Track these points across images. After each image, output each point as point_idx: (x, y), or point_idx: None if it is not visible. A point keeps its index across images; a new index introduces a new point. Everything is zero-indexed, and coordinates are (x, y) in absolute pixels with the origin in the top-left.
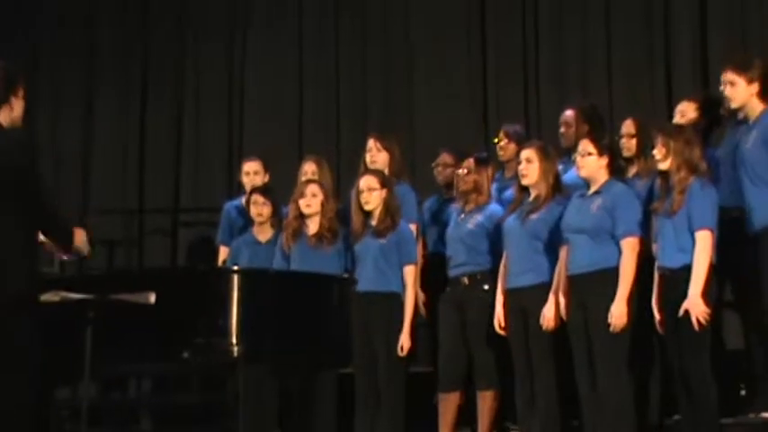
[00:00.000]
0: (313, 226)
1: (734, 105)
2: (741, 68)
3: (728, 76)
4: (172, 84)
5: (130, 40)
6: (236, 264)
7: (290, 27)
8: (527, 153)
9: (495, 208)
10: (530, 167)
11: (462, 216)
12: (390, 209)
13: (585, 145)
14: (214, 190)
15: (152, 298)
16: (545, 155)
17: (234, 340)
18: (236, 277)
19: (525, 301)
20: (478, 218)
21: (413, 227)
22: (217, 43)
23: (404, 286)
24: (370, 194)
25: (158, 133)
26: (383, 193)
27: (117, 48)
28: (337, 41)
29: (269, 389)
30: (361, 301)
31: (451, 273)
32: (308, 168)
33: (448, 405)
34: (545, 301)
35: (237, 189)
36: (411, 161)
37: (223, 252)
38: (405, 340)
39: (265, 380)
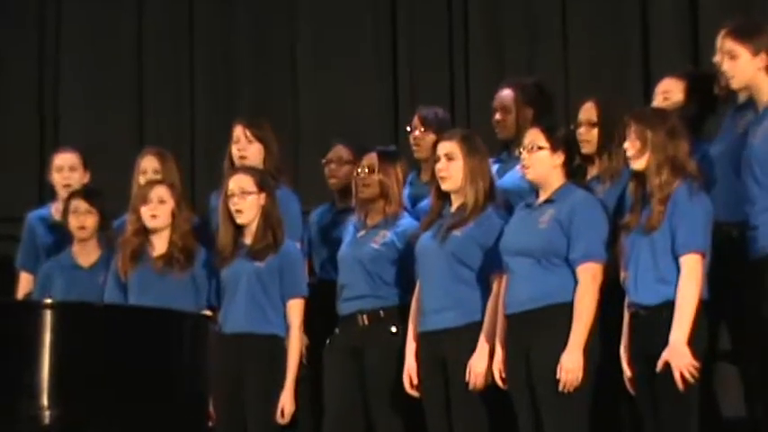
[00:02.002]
0: (160, 244)
1: (735, 84)
2: (744, 35)
3: (727, 45)
4: None
5: None
6: (46, 295)
7: None
8: (446, 147)
9: (408, 222)
10: (451, 166)
11: (363, 232)
12: (271, 221)
13: (534, 136)
14: (16, 194)
15: None
16: (471, 148)
17: (44, 402)
18: (48, 314)
19: (446, 349)
20: (387, 234)
21: (297, 245)
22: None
23: (287, 327)
24: (244, 200)
25: None
26: (261, 198)
27: None
28: None
29: None
30: (229, 346)
31: (344, 308)
32: (149, 165)
33: None
34: (473, 348)
35: (48, 193)
36: (293, 157)
37: (25, 280)
38: (286, 401)
39: None
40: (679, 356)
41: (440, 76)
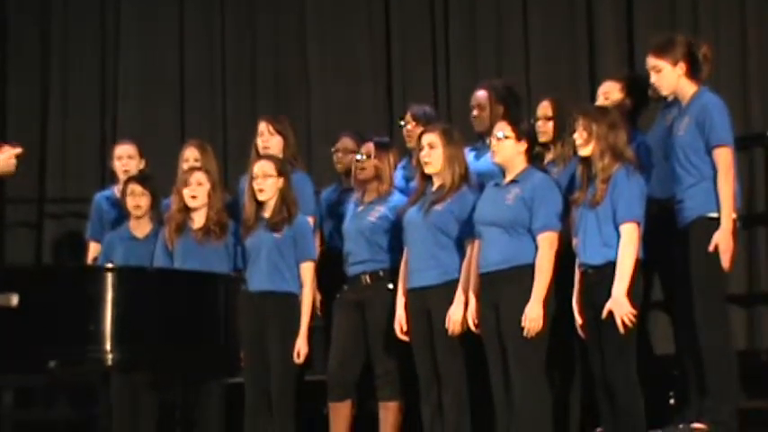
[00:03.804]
0: (199, 219)
1: (664, 92)
2: (662, 51)
3: (651, 61)
4: (35, 56)
5: None
6: (109, 261)
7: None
8: (429, 137)
9: (400, 198)
10: (432, 153)
11: (361, 208)
12: (287, 200)
13: (501, 127)
14: (84, 178)
15: (14, 300)
16: (449, 139)
17: (107, 347)
18: (109, 276)
19: (429, 302)
20: (381, 209)
21: (310, 220)
22: (87, 9)
23: (300, 285)
24: (265, 181)
25: (19, 111)
26: (279, 181)
27: None
28: (222, 12)
29: (147, 402)
30: (253, 301)
31: (350, 270)
32: (190, 154)
33: (339, 416)
34: (451, 301)
35: (110, 177)
36: (306, 146)
37: (93, 248)
38: (301, 345)
39: (143, 392)
40: (620, 306)
41: (426, 78)
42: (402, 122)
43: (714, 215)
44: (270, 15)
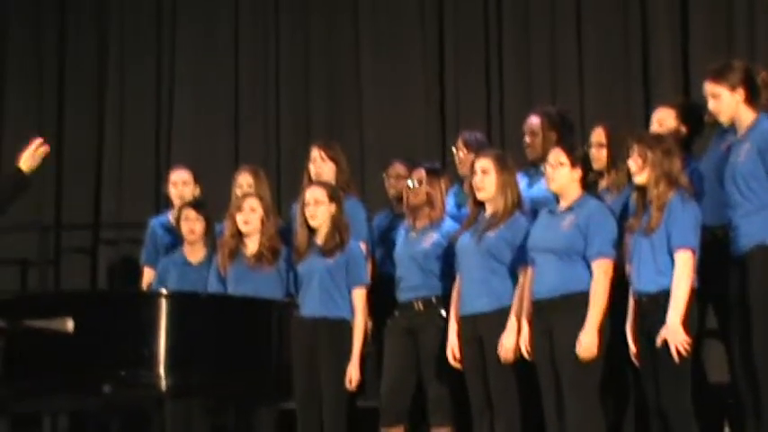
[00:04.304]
0: (252, 245)
1: (723, 119)
2: (720, 77)
3: (709, 88)
4: (91, 84)
5: (43, 38)
6: (163, 286)
7: (224, 23)
8: (482, 163)
9: (451, 225)
10: (485, 179)
11: (413, 234)
12: (339, 225)
13: (557, 155)
14: (138, 204)
15: (69, 325)
16: (502, 165)
17: (161, 372)
18: (163, 301)
19: (481, 329)
20: (434, 236)
21: (362, 245)
22: (142, 40)
23: (353, 311)
24: (317, 208)
25: (76, 139)
26: (331, 207)
27: (28, 46)
28: (277, 39)
29: (200, 427)
30: (306, 327)
31: (402, 296)
32: (244, 180)
33: None
34: (504, 328)
35: (165, 203)
36: (359, 172)
37: (148, 273)
38: (353, 372)
39: (196, 417)
40: (675, 335)
41: (479, 104)
42: (454, 148)
43: None
44: (324, 43)
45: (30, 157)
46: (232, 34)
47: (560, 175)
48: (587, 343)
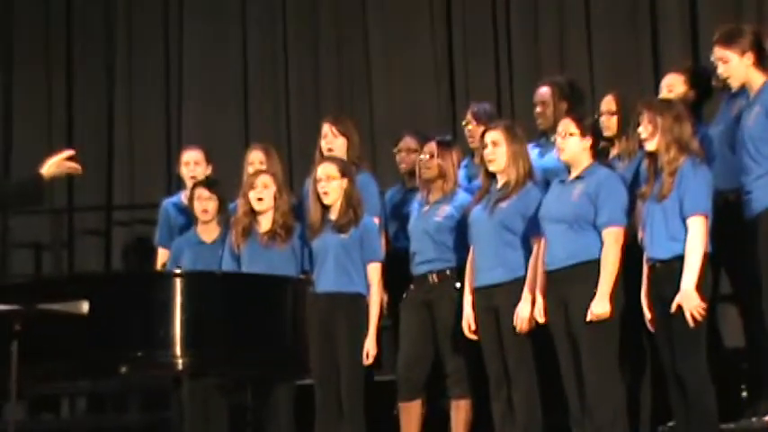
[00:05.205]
0: (265, 222)
1: (733, 83)
2: (729, 41)
3: (718, 52)
4: (101, 65)
5: (52, 17)
6: (177, 266)
7: (233, 1)
8: (492, 135)
9: (464, 197)
10: (496, 151)
11: (427, 207)
12: (352, 201)
13: (567, 125)
14: (151, 185)
15: (85, 307)
16: (512, 136)
17: (177, 352)
18: (178, 281)
19: (496, 300)
20: (447, 208)
21: (376, 220)
22: (150, 20)
23: (368, 286)
24: (329, 184)
25: (87, 122)
26: (343, 182)
27: (37, 26)
28: (285, 15)
29: (217, 405)
30: (321, 303)
31: (417, 270)
32: (255, 157)
33: (410, 415)
34: (518, 298)
35: (177, 183)
36: (370, 147)
37: (162, 254)
38: (370, 346)
39: (213, 395)
40: (689, 300)
41: (488, 76)
42: (464, 122)
43: None
44: (332, 18)
45: (55, 164)
46: (240, 12)
47: (570, 145)
48: (599, 311)
